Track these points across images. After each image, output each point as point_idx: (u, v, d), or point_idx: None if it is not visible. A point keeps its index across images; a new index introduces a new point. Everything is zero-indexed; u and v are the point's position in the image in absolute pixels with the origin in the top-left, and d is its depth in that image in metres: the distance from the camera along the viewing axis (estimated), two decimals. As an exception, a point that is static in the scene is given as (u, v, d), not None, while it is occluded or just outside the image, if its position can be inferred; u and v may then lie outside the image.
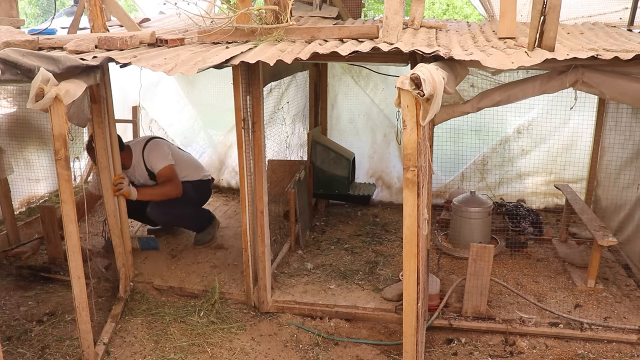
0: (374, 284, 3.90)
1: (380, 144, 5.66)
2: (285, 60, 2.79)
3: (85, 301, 2.90)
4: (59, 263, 4.06)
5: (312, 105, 5.36)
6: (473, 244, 3.38)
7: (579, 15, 4.50)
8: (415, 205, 2.25)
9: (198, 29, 3.60)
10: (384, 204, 5.71)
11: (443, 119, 3.22)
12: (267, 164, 3.74)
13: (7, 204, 4.32)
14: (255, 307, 3.67)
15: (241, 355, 3.18)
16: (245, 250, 3.60)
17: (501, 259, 4.33)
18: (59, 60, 2.70)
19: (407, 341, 2.46)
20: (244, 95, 3.30)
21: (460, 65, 2.90)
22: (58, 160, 2.66)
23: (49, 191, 5.39)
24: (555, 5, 2.81)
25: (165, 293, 3.86)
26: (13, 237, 4.39)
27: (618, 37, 3.63)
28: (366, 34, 3.28)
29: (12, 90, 4.83)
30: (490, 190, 5.36)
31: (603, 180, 4.74)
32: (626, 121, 4.38)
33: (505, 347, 3.26)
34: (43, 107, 2.54)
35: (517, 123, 5.23)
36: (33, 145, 5.09)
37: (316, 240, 4.76)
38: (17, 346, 3.23)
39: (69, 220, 2.74)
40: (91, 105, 3.39)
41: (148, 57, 2.98)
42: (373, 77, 5.45)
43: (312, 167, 4.99)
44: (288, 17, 3.32)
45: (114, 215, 3.67)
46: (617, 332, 3.30)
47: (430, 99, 2.10)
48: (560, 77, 2.98)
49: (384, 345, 3.29)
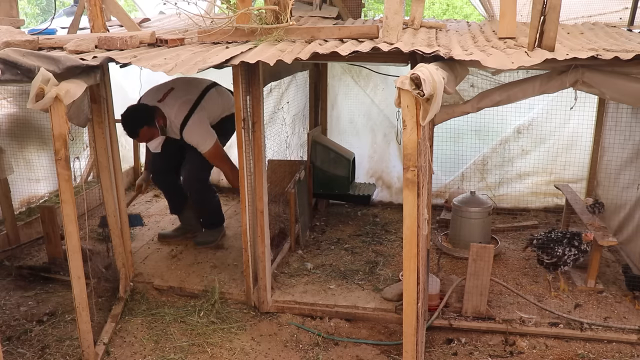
0: (374, 284, 3.90)
1: (380, 144, 5.66)
2: (285, 60, 2.79)
3: (85, 301, 2.91)
4: (59, 263, 4.06)
5: (312, 105, 5.36)
6: (473, 244, 3.38)
7: (579, 15, 4.51)
8: (415, 205, 2.25)
9: (198, 29, 3.60)
10: (384, 204, 5.71)
11: (443, 119, 3.22)
12: (267, 164, 3.74)
13: (7, 204, 4.32)
14: (255, 307, 3.67)
15: (241, 355, 3.19)
16: (245, 250, 3.60)
17: (501, 259, 4.33)
18: (59, 60, 2.70)
19: (407, 341, 2.46)
20: (244, 95, 3.30)
21: (460, 65, 2.90)
22: (58, 160, 2.66)
23: (49, 191, 5.39)
24: (555, 5, 2.81)
25: (165, 293, 3.86)
26: (13, 237, 4.39)
27: (618, 37, 3.63)
28: (366, 34, 3.28)
29: (13, 90, 4.83)
30: (490, 190, 5.36)
31: (603, 180, 4.74)
32: (626, 121, 4.38)
33: (505, 347, 3.26)
34: (43, 107, 2.54)
35: (517, 123, 5.22)
36: (33, 145, 5.08)
37: (316, 240, 4.76)
38: (17, 346, 3.23)
39: (69, 220, 2.74)
40: (91, 105, 3.39)
41: (148, 57, 2.98)
42: (373, 77, 5.45)
43: (312, 167, 4.99)
44: (288, 17, 3.32)
45: (114, 215, 3.67)
46: (617, 332, 3.30)
47: (430, 99, 2.10)
48: (560, 77, 2.98)
49: (384, 345, 3.29)
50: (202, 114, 4.13)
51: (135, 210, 5.44)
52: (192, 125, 4.07)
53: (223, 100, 4.34)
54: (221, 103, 4.32)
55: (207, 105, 4.19)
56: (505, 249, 4.53)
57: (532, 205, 5.40)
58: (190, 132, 4.08)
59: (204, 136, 4.09)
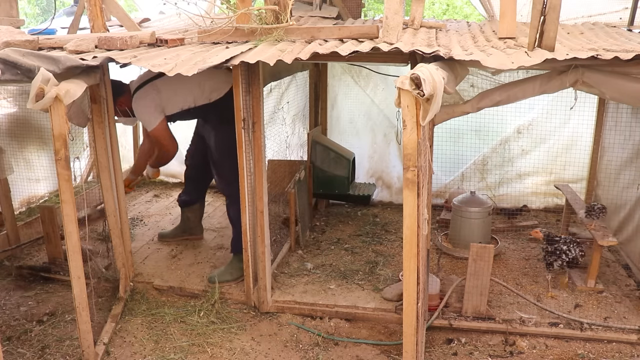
0: (374, 284, 3.90)
1: (380, 144, 5.66)
2: (285, 60, 2.79)
3: (85, 301, 2.91)
4: (59, 263, 4.06)
5: (312, 105, 5.36)
6: (473, 244, 3.38)
7: (579, 15, 4.50)
8: (415, 205, 2.25)
9: (198, 29, 3.60)
10: (384, 204, 5.71)
11: (443, 119, 3.22)
12: (267, 164, 3.74)
13: (7, 204, 4.32)
14: (255, 307, 3.67)
15: (241, 355, 3.19)
16: (245, 250, 3.60)
17: (501, 259, 4.33)
18: (59, 60, 2.70)
19: (407, 341, 2.46)
20: (244, 95, 3.30)
21: (460, 65, 2.90)
22: (58, 160, 2.66)
23: (49, 191, 5.39)
24: (555, 5, 2.81)
25: (165, 293, 3.86)
26: (13, 237, 4.39)
27: (618, 37, 3.63)
28: (366, 34, 3.28)
29: (13, 90, 4.83)
30: (490, 190, 5.36)
31: (603, 180, 4.74)
32: (626, 121, 4.38)
33: (505, 347, 3.26)
34: (43, 107, 2.54)
35: (517, 123, 5.22)
36: (33, 145, 5.08)
37: (316, 240, 4.76)
38: (17, 346, 3.23)
39: (69, 220, 2.74)
40: (91, 105, 3.39)
41: (148, 57, 2.98)
42: (373, 77, 5.45)
43: (312, 167, 4.99)
44: (288, 17, 3.32)
45: (114, 215, 3.67)
46: (617, 332, 3.30)
47: (430, 99, 2.10)
48: (560, 77, 2.98)
49: (384, 345, 3.29)
50: (151, 90, 3.76)
51: (136, 210, 5.44)
52: (137, 100, 3.76)
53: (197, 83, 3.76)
54: (191, 88, 3.78)
55: (162, 86, 3.77)
56: (505, 249, 4.53)
57: (532, 206, 5.41)
58: (135, 106, 3.79)
59: (148, 114, 3.74)
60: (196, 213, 4.64)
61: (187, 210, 4.62)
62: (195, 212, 4.63)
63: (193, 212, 4.62)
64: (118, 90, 3.75)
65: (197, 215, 4.65)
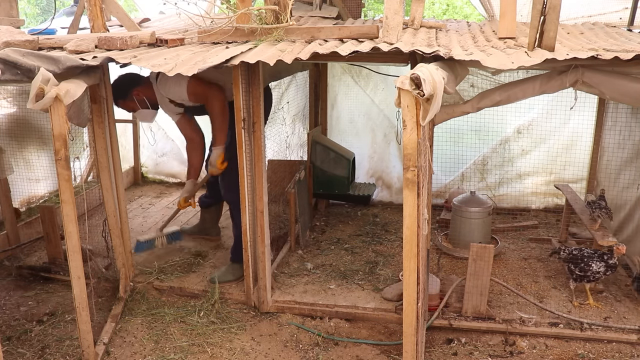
0: (374, 284, 3.90)
1: (380, 144, 5.66)
2: (285, 60, 2.79)
3: (85, 301, 2.90)
4: (59, 263, 4.06)
5: (312, 105, 5.36)
6: (473, 244, 3.38)
7: (579, 15, 4.50)
8: (415, 205, 2.25)
9: (198, 29, 3.60)
10: (384, 204, 5.71)
11: (443, 119, 3.22)
12: (267, 164, 3.74)
13: (7, 204, 4.32)
14: (255, 307, 3.67)
15: (241, 355, 3.19)
16: (245, 251, 3.60)
17: (501, 259, 4.33)
18: (59, 60, 2.70)
19: (407, 341, 2.46)
20: (244, 95, 3.30)
21: (460, 65, 2.90)
22: (58, 160, 2.66)
23: (49, 191, 5.39)
24: (555, 5, 2.81)
25: (165, 293, 3.86)
26: (13, 237, 4.39)
27: (618, 37, 3.63)
28: (366, 34, 3.28)
29: (12, 90, 4.83)
30: (490, 190, 5.36)
31: (603, 180, 4.74)
32: (626, 121, 4.38)
33: (505, 347, 3.26)
34: (43, 107, 2.54)
35: (517, 123, 5.22)
36: (33, 145, 5.08)
37: (316, 240, 4.76)
38: (17, 346, 3.23)
39: (69, 220, 2.74)
40: (91, 105, 3.39)
41: (148, 57, 2.99)
42: (373, 77, 5.45)
43: (312, 167, 4.99)
44: (288, 17, 3.32)
45: (114, 215, 3.67)
46: (617, 332, 3.30)
47: (430, 99, 2.10)
48: (560, 77, 2.98)
49: (384, 345, 3.29)
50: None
51: (136, 210, 5.44)
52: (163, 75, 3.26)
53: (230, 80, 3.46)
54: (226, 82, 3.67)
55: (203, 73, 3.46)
56: (505, 249, 4.53)
57: (531, 206, 5.41)
58: (163, 83, 3.70)
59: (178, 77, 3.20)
60: (212, 215, 4.69)
61: (205, 211, 4.69)
62: (212, 214, 4.69)
63: (210, 214, 4.68)
64: (137, 81, 3.84)
65: (214, 217, 4.71)
